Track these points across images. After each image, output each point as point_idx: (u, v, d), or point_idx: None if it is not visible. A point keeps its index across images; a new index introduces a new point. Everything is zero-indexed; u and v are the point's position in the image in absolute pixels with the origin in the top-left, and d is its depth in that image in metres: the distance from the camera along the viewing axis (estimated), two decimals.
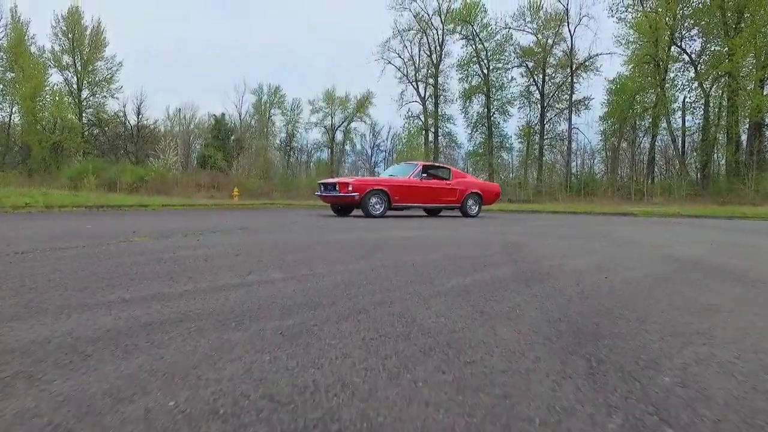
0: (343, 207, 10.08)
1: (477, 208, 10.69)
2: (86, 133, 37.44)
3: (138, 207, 11.66)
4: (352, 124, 44.17)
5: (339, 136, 44.42)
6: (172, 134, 35.43)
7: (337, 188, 9.28)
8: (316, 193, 10.08)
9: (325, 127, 44.05)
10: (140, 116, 36.61)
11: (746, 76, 28.70)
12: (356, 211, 10.08)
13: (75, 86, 37.70)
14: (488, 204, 11.05)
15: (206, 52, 61.45)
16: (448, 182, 10.33)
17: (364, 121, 43.75)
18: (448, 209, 10.50)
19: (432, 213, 11.48)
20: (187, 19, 58.56)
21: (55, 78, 37.55)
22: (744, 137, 29.31)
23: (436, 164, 11.46)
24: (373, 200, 9.27)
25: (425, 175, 10.13)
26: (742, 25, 28.26)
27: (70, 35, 37.38)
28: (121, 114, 37.04)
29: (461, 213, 10.56)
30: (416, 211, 12.11)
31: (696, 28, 29.49)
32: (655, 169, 31.90)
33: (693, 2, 29.43)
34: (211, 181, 30.54)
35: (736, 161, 28.23)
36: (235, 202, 17.94)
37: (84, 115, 38.02)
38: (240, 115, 44.24)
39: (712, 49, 29.68)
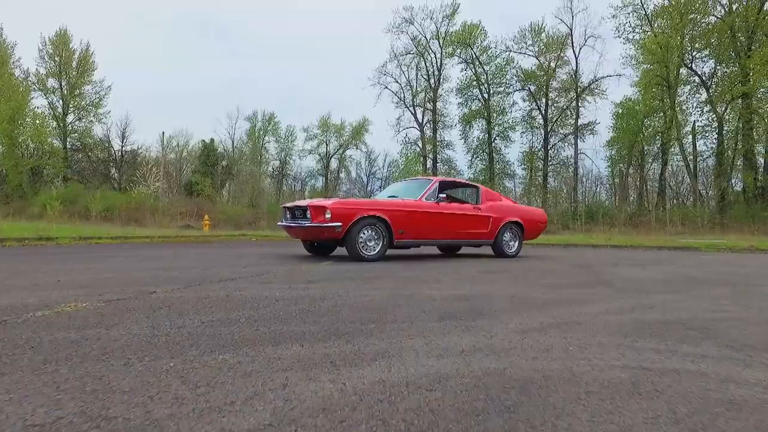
0: (320, 243, 6.43)
1: (516, 245, 7.08)
2: (69, 158, 33.95)
3: (43, 240, 7.96)
4: (348, 152, 40.95)
5: (334, 163, 41.12)
6: (154, 160, 31.85)
7: (308, 215, 5.64)
8: (279, 223, 6.43)
9: (319, 154, 40.79)
10: (125, 141, 33.16)
11: (762, 98, 25.71)
12: (340, 249, 6.38)
13: (60, 110, 34.39)
14: (531, 238, 7.42)
15: (201, 79, 58.66)
16: (476, 207, 6.76)
17: (360, 149, 40.56)
18: (470, 245, 6.82)
19: (446, 250, 7.83)
20: (183, 48, 55.97)
21: (39, 101, 34.36)
22: (761, 160, 26.14)
23: (459, 181, 7.89)
24: (365, 234, 5.64)
25: (443, 196, 6.51)
26: (753, 47, 25.38)
27: (57, 58, 34.27)
28: (105, 139, 33.50)
29: (494, 251, 6.95)
30: (427, 249, 8.45)
31: (707, 49, 26.59)
32: (666, 197, 28.61)
33: (702, 23, 26.62)
34: (195, 208, 26.88)
35: (756, 187, 24.90)
36: (203, 233, 14.21)
37: (69, 139, 34.62)
38: (233, 142, 40.95)
39: (725, 70, 26.75)
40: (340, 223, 5.43)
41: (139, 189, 30.73)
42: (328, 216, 5.44)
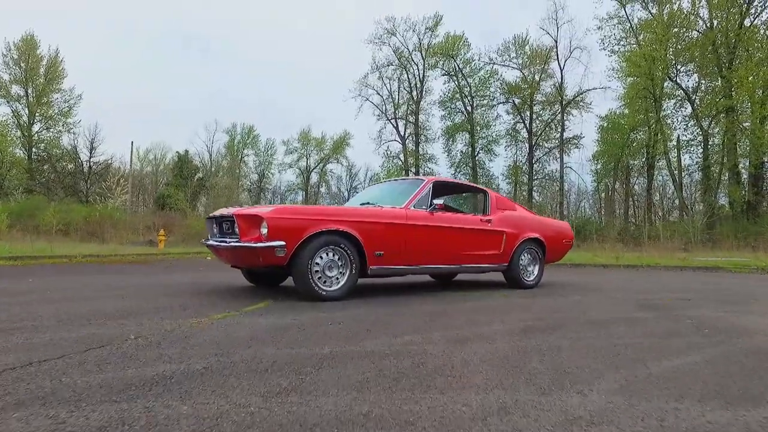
0: (261, 272, 4.33)
1: (537, 271, 5.04)
2: (34, 169, 31.07)
3: None
4: (328, 166, 38.93)
5: (314, 177, 39.02)
6: (122, 172, 29.30)
7: (235, 230, 3.53)
8: (203, 242, 4.28)
9: (299, 168, 38.69)
10: (93, 152, 30.51)
11: (744, 112, 24.62)
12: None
13: (26, 119, 31.57)
14: (553, 260, 5.41)
15: (181, 91, 56.13)
16: (484, 218, 4.69)
17: (341, 163, 38.56)
18: (475, 271, 4.76)
19: (440, 277, 5.78)
20: (162, 61, 53.51)
21: (3, 109, 31.51)
22: (745, 175, 24.94)
23: (460, 183, 5.77)
24: (324, 259, 3.56)
25: (438, 202, 4.30)
26: (736, 62, 24.38)
27: (22, 65, 31.57)
28: (72, 150, 30.80)
29: (507, 279, 4.98)
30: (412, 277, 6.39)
31: (691, 63, 25.53)
32: (653, 212, 27.23)
33: (686, 36, 25.61)
34: (163, 223, 24.38)
35: (745, 201, 23.64)
36: (151, 251, 11.92)
37: (34, 150, 31.76)
38: (210, 155, 38.53)
39: (709, 84, 25.68)
40: (283, 242, 3.35)
41: (106, 202, 28.00)
42: (264, 231, 3.36)
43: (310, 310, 3.07)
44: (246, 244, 3.40)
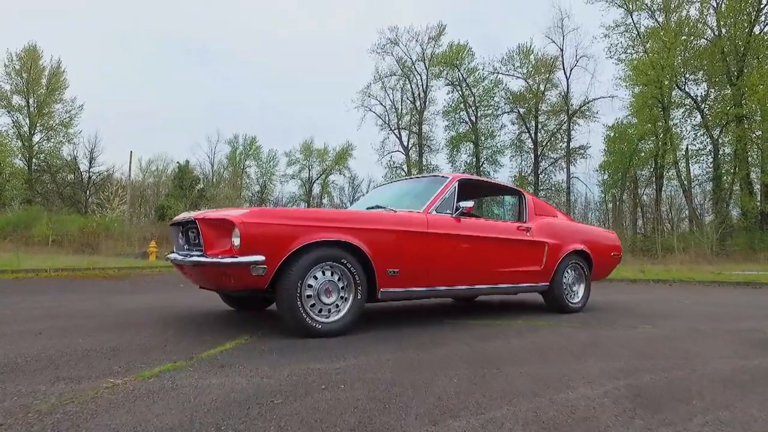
0: (239, 294, 3.32)
1: (583, 292, 4.04)
2: (33, 179, 30.27)
3: None
4: (331, 177, 38.03)
5: (316, 188, 38.13)
6: (121, 182, 28.49)
7: (200, 242, 2.57)
8: (168, 256, 3.29)
9: (301, 179, 37.82)
10: (93, 162, 29.74)
11: (756, 119, 23.69)
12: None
13: (26, 129, 30.85)
14: (600, 277, 4.40)
15: (184, 104, 55.58)
16: (522, 227, 3.67)
17: (343, 174, 37.67)
18: (511, 292, 3.75)
19: (462, 298, 4.77)
20: (164, 71, 53.08)
21: (3, 120, 30.78)
22: (757, 185, 23.92)
23: (492, 182, 4.38)
24: (319, 279, 2.57)
25: (467, 205, 3.21)
26: (746, 70, 23.55)
27: (24, 75, 30.95)
28: (72, 160, 30.05)
29: (548, 302, 3.93)
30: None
31: (700, 71, 24.71)
32: (662, 223, 26.18)
33: (693, 45, 24.81)
34: (160, 234, 23.45)
35: (759, 212, 22.60)
36: (140, 263, 10.96)
37: (34, 160, 30.98)
38: (212, 166, 37.74)
39: (718, 93, 24.80)
40: (263, 257, 2.37)
41: (104, 213, 27.11)
42: (236, 241, 2.39)
43: (296, 356, 2.08)
44: (211, 260, 2.42)
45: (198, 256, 2.55)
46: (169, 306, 3.87)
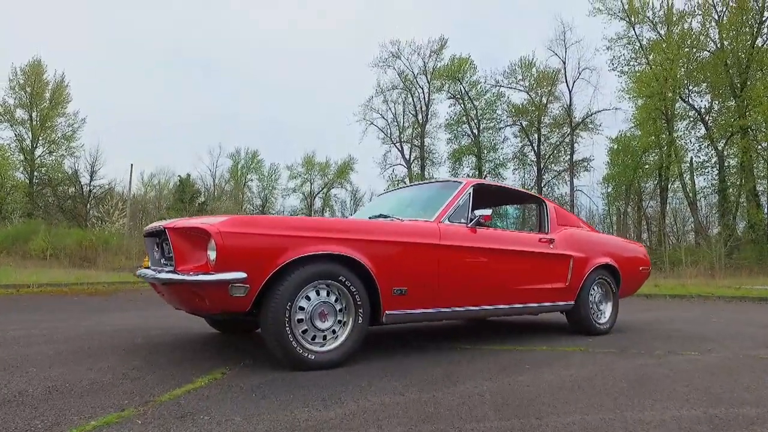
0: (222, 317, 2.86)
1: (611, 311, 3.59)
2: (35, 193, 30.01)
3: None
4: (332, 191, 37.70)
5: (318, 203, 37.76)
6: (121, 196, 28.22)
7: (170, 255, 2.15)
8: (138, 272, 2.86)
9: (303, 193, 37.46)
10: (94, 175, 29.50)
11: (760, 133, 23.34)
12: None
13: (29, 143, 30.69)
14: (628, 294, 3.94)
15: (185, 117, 55.45)
16: (545, 238, 3.22)
17: (345, 188, 37.33)
18: (533, 312, 3.31)
19: (476, 319, 4.30)
20: (165, 84, 53.17)
21: (6, 133, 30.60)
22: (764, 197, 23.47)
23: (508, 187, 3.73)
24: (312, 300, 2.14)
25: (485, 213, 2.77)
26: (749, 82, 23.29)
27: (28, 89, 30.91)
28: (72, 173, 29.82)
29: (572, 322, 3.49)
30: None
31: (704, 83, 24.45)
32: (667, 236, 25.66)
33: (696, 57, 24.61)
34: None
35: (766, 224, 22.11)
36: (133, 278, 10.48)
37: (36, 174, 30.76)
38: (214, 179, 37.49)
39: (723, 105, 24.50)
40: (244, 274, 1.95)
41: (104, 226, 26.73)
42: (212, 255, 1.96)
43: (281, 397, 1.64)
44: (181, 277, 2.00)
45: (167, 273, 2.13)
46: (148, 327, 3.43)
